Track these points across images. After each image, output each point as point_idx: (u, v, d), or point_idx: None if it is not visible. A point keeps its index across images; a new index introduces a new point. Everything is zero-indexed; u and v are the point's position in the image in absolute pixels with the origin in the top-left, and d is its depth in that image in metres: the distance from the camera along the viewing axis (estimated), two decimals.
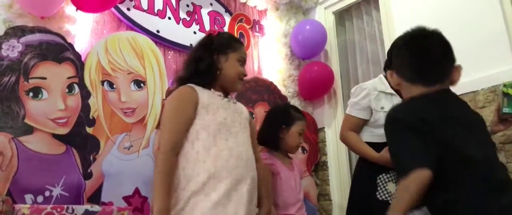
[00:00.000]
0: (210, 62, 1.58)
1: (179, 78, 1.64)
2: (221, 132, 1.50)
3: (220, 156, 1.46)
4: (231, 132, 1.53)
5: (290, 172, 1.95)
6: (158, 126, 2.37)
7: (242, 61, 1.65)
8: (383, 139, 1.60)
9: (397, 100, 1.88)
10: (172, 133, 1.46)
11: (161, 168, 1.42)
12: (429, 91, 1.28)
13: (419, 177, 1.14)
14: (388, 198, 1.81)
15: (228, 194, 1.42)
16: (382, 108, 1.90)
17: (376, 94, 1.93)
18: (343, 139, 1.98)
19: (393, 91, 1.91)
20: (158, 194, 1.37)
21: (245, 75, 1.68)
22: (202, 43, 1.64)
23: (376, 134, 1.90)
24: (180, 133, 1.48)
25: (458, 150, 1.17)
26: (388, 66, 1.43)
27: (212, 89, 1.59)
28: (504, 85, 1.76)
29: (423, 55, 1.30)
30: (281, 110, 2.06)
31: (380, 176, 1.84)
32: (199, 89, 1.54)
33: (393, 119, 1.28)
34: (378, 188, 1.83)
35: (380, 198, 1.81)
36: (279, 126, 1.94)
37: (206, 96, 1.54)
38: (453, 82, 1.32)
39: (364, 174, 1.92)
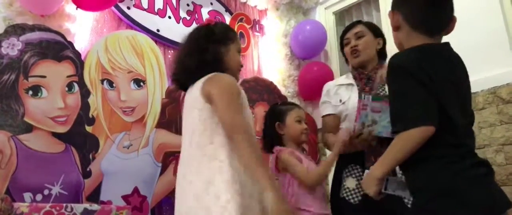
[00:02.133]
0: (215, 53, 1.54)
1: (183, 70, 1.57)
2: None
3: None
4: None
5: (309, 162, 1.94)
6: (158, 125, 2.37)
7: (240, 51, 1.64)
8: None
9: (356, 91, 1.86)
10: (241, 113, 1.40)
11: (251, 151, 1.33)
12: (430, 42, 1.27)
13: (426, 131, 1.14)
14: (346, 195, 1.77)
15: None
16: (340, 100, 1.91)
17: (335, 89, 1.96)
18: (324, 144, 2.01)
19: (353, 82, 1.91)
20: (266, 181, 1.28)
21: (242, 66, 1.68)
22: (204, 34, 1.59)
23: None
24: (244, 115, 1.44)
25: (445, 113, 1.18)
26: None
27: None
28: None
29: (436, 4, 1.29)
30: (270, 110, 2.08)
31: (343, 171, 1.82)
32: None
33: (395, 66, 1.24)
34: (341, 185, 1.81)
35: (341, 196, 1.79)
36: (273, 125, 1.96)
37: (241, 89, 1.52)
38: (448, 31, 1.33)
39: (335, 174, 1.89)
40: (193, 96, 1.50)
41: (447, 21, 1.30)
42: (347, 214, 1.76)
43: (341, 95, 1.92)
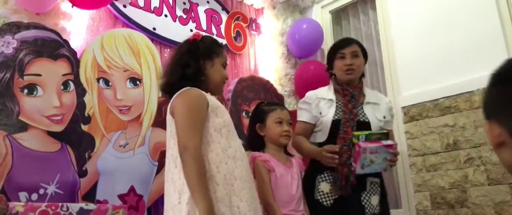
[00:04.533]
0: (197, 68, 1.60)
1: (166, 84, 1.64)
2: (230, 133, 1.55)
3: (237, 156, 1.51)
4: (234, 132, 1.58)
5: (287, 169, 1.93)
6: (154, 124, 2.36)
7: (225, 65, 1.70)
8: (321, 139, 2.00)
9: (334, 107, 2.01)
10: (195, 130, 1.44)
11: (195, 167, 1.39)
12: None
13: None
14: (319, 198, 1.95)
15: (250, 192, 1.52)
16: (321, 113, 2.03)
17: (316, 102, 2.07)
18: (292, 143, 2.09)
19: (333, 98, 2.04)
20: (201, 194, 1.34)
21: (227, 78, 1.73)
22: (188, 49, 1.65)
23: (315, 137, 2.07)
24: (201, 131, 1.47)
25: None
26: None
27: (208, 93, 1.61)
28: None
29: None
30: (253, 110, 2.10)
31: (318, 176, 1.98)
32: (204, 93, 1.57)
33: None
34: (315, 188, 1.98)
35: (315, 198, 1.96)
36: (255, 126, 1.98)
37: (213, 100, 1.57)
38: None
39: (308, 174, 2.03)
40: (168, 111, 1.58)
41: None
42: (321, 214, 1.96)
43: (322, 108, 2.05)
